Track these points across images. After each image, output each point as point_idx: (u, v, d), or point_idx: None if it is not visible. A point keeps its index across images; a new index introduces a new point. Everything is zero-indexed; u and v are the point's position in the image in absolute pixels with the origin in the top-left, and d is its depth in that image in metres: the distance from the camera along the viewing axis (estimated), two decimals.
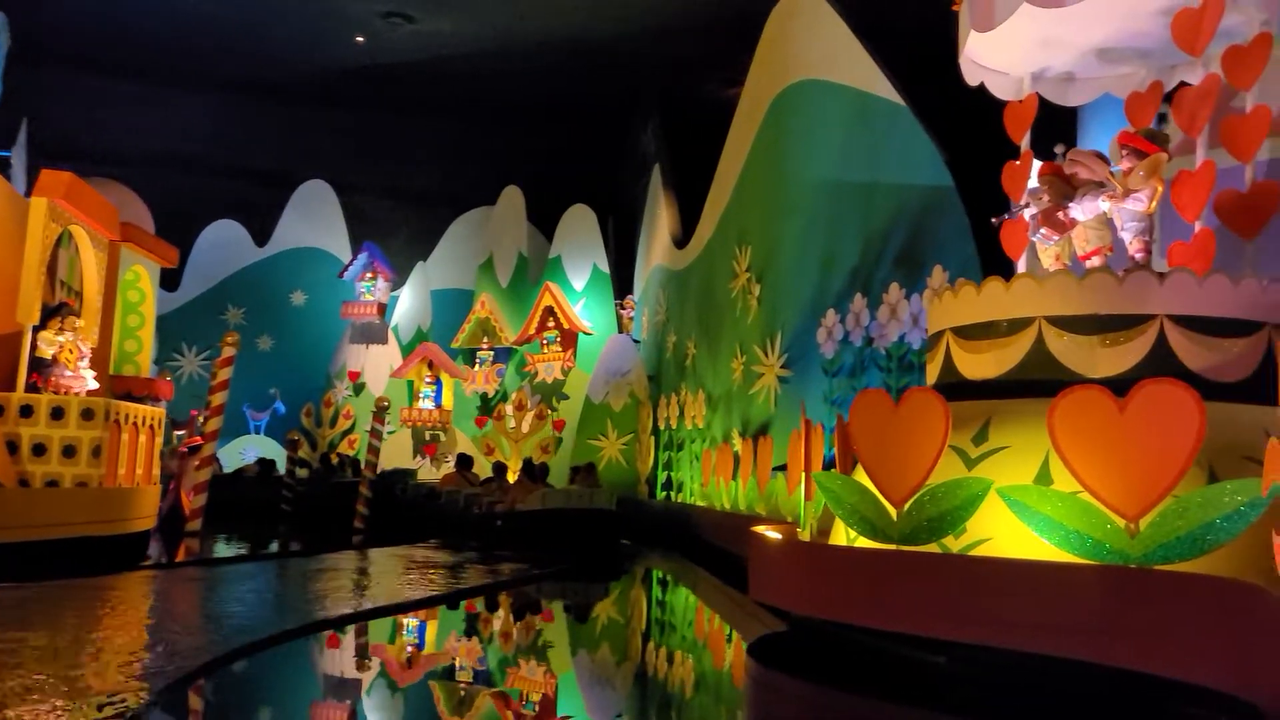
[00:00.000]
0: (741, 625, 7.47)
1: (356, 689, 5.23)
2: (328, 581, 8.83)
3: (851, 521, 5.38)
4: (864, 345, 10.86)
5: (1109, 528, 4.44)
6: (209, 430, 12.21)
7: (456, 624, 7.39)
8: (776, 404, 12.71)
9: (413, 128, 23.23)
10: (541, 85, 21.24)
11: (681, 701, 5.24)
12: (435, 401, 20.30)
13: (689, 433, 15.56)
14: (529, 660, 6.20)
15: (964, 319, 5.82)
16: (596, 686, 5.58)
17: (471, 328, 21.73)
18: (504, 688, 5.40)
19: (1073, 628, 4.31)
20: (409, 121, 23.10)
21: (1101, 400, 4.52)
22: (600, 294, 21.08)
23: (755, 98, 14.40)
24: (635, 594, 10.07)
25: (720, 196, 15.54)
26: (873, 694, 5.11)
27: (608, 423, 18.13)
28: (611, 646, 6.77)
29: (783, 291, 12.98)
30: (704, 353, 15.66)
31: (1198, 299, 5.21)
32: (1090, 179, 6.06)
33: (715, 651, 6.68)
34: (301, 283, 23.59)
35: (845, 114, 12.07)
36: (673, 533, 14.65)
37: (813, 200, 12.58)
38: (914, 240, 10.74)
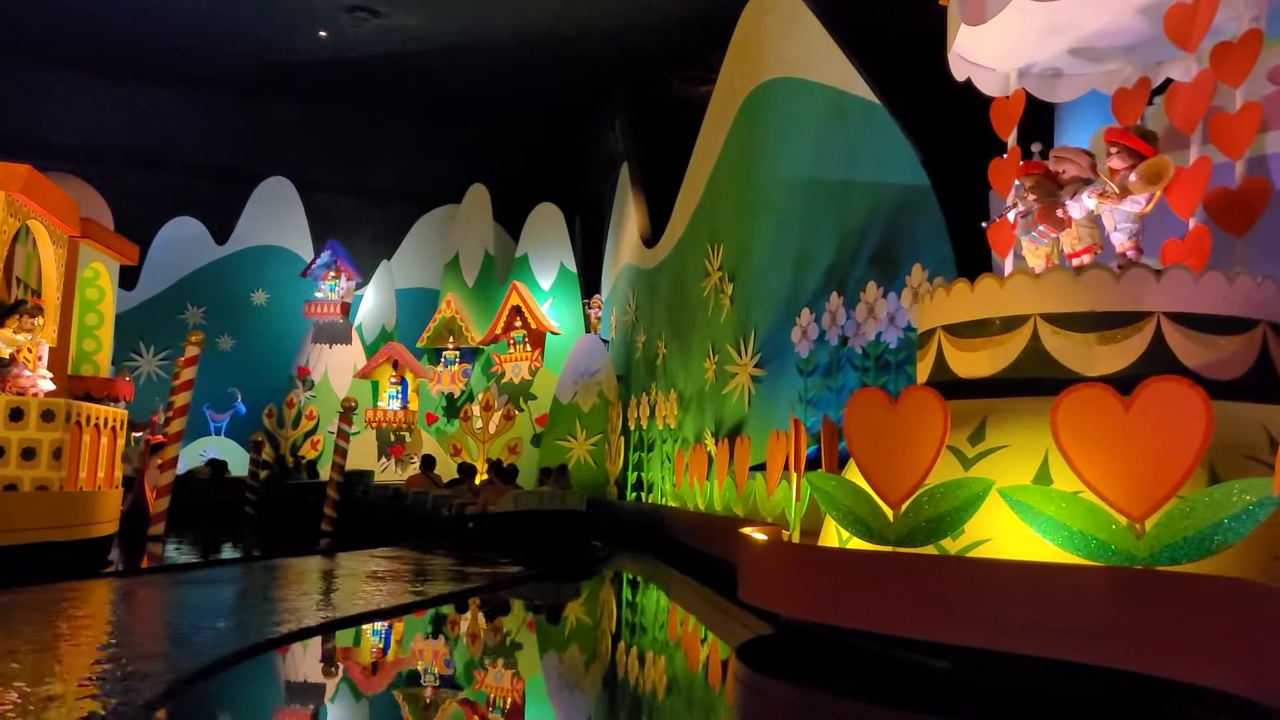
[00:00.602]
0: (725, 628, 7.37)
1: (355, 704, 5.05)
2: (306, 587, 8.61)
3: (846, 523, 5.28)
4: (840, 344, 10.80)
5: (1114, 528, 4.36)
6: (172, 431, 11.90)
7: (456, 630, 7.21)
8: (750, 404, 12.62)
9: (377, 124, 22.95)
10: (508, 82, 21.05)
11: (676, 705, 5.11)
12: (401, 402, 20.02)
13: (660, 433, 15.44)
14: (538, 669, 6.04)
15: (957, 316, 5.74)
16: (591, 692, 5.43)
17: (437, 327, 21.47)
18: (511, 698, 5.25)
19: (1081, 630, 4.23)
20: (373, 118, 22.81)
21: (1105, 398, 4.45)
22: (568, 293, 20.91)
23: (728, 95, 14.31)
24: (624, 597, 9.93)
25: (691, 195, 15.44)
26: (868, 698, 5.01)
27: (576, 423, 17.98)
28: (606, 651, 6.62)
29: (756, 290, 12.90)
30: (675, 352, 15.55)
31: (1194, 296, 5.16)
32: (1079, 176, 6.00)
33: (705, 655, 6.55)
34: (263, 281, 23.18)
35: (820, 112, 12.01)
36: (644, 534, 14.52)
37: (787, 199, 12.50)
38: (889, 239, 10.70)
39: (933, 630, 4.67)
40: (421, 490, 16.18)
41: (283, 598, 7.76)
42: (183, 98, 22.06)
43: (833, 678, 5.31)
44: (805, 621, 5.79)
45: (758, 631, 6.66)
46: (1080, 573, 4.34)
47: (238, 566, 10.09)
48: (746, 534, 6.49)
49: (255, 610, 7.02)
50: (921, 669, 4.93)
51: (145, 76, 21.39)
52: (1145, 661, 4.09)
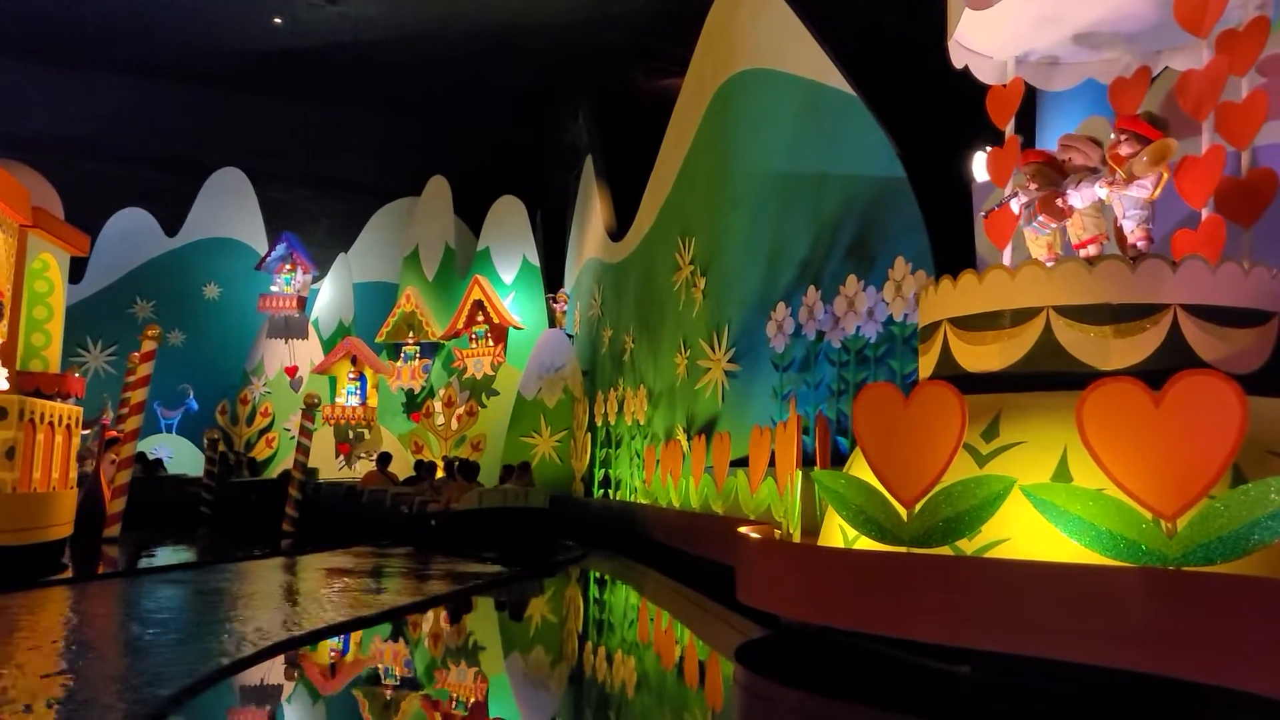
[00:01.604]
0: (718, 631, 7.17)
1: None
2: (271, 591, 8.26)
3: (856, 523, 5.09)
4: (817, 339, 10.64)
5: (1144, 527, 4.21)
6: (128, 429, 11.44)
7: (448, 634, 6.92)
8: (724, 399, 12.43)
9: (333, 115, 22.42)
10: (468, 73, 20.65)
11: (680, 711, 4.89)
12: (360, 398, 19.58)
13: (629, 429, 15.21)
14: (538, 673, 5.79)
15: (964, 309, 5.57)
16: (585, 695, 5.19)
17: (396, 322, 21.06)
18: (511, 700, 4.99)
19: (1113, 634, 4.08)
20: (329, 109, 22.28)
21: (1135, 393, 4.30)
22: (530, 287, 20.60)
23: (699, 86, 14.09)
24: (612, 599, 9.68)
25: (660, 187, 15.21)
26: (877, 703, 4.82)
27: (541, 419, 17.70)
28: (596, 653, 6.38)
29: (729, 284, 12.71)
30: (643, 347, 15.32)
31: (1210, 288, 5.04)
32: (1085, 165, 5.87)
33: (705, 660, 6.33)
34: (215, 275, 22.57)
35: (795, 104, 11.85)
36: (613, 532, 14.29)
37: (761, 191, 12.33)
38: (865, 232, 10.57)
39: (955, 634, 4.50)
40: (379, 488, 15.82)
41: (262, 605, 7.42)
42: (131, 85, 21.36)
43: (840, 682, 5.12)
44: (806, 624, 5.60)
45: (748, 634, 6.48)
46: (1114, 574, 4.18)
47: (200, 571, 9.68)
48: (746, 534, 6.28)
49: (228, 621, 6.68)
50: (931, 673, 4.76)
51: (91, 63, 20.68)
52: (1181, 666, 3.95)
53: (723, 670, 5.75)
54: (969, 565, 4.57)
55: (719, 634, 7.09)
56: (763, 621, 6.53)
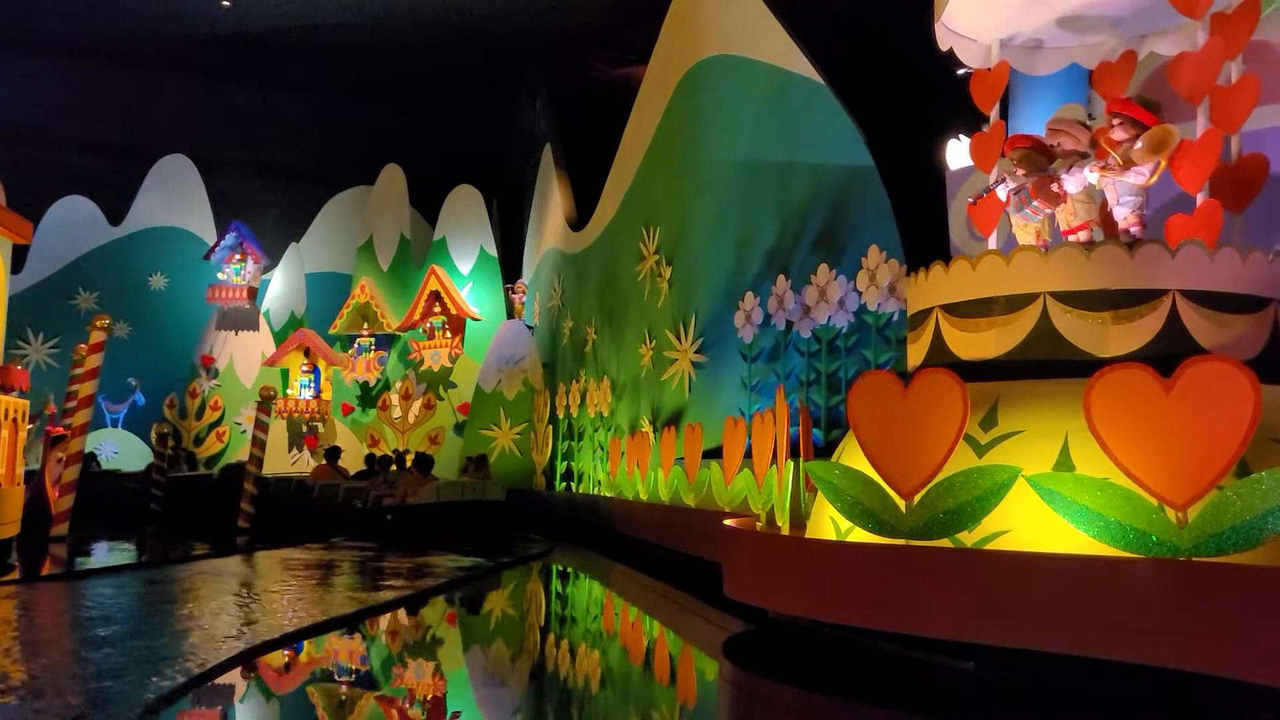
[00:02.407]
0: (698, 626, 7.02)
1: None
2: (224, 593, 7.95)
3: (852, 515, 4.94)
4: (786, 329, 10.52)
5: (1154, 518, 4.11)
6: (77, 423, 11.01)
7: (438, 633, 6.67)
8: (691, 390, 12.28)
9: (284, 101, 21.90)
10: (422, 59, 20.27)
11: (670, 707, 4.71)
12: (313, 391, 19.17)
13: (591, 421, 15.00)
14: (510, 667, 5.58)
15: (957, 296, 5.44)
16: (574, 693, 5.00)
17: (351, 313, 20.65)
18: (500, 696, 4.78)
19: (1124, 627, 3.97)
20: (279, 94, 21.76)
21: (1145, 379, 4.19)
22: (488, 278, 20.30)
23: (663, 73, 13.89)
24: (581, 594, 9.49)
25: (623, 176, 15.00)
26: (875, 699, 4.69)
27: (500, 412, 17.44)
28: (579, 651, 6.18)
29: (696, 274, 12.55)
30: (606, 338, 15.12)
31: (1209, 273, 4.95)
32: (1075, 149, 5.78)
33: (690, 655, 6.16)
34: (161, 265, 21.98)
35: (761, 91, 11.72)
36: (576, 525, 14.10)
37: (727, 179, 12.18)
38: (834, 221, 10.47)
39: (959, 629, 4.37)
40: (330, 482, 15.47)
41: (223, 606, 7.12)
42: (73, 69, 20.67)
43: (836, 679, 4.98)
44: (797, 619, 5.45)
45: (730, 629, 6.34)
46: (1124, 566, 4.07)
47: (156, 570, 9.32)
48: (735, 527, 6.12)
49: (194, 623, 6.38)
50: (931, 668, 4.63)
51: (31, 46, 19.98)
52: (1193, 659, 3.84)
53: (710, 667, 5.59)
54: (975, 557, 4.45)
55: (701, 630, 6.93)
56: (744, 615, 6.39)
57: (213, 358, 19.86)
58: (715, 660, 5.66)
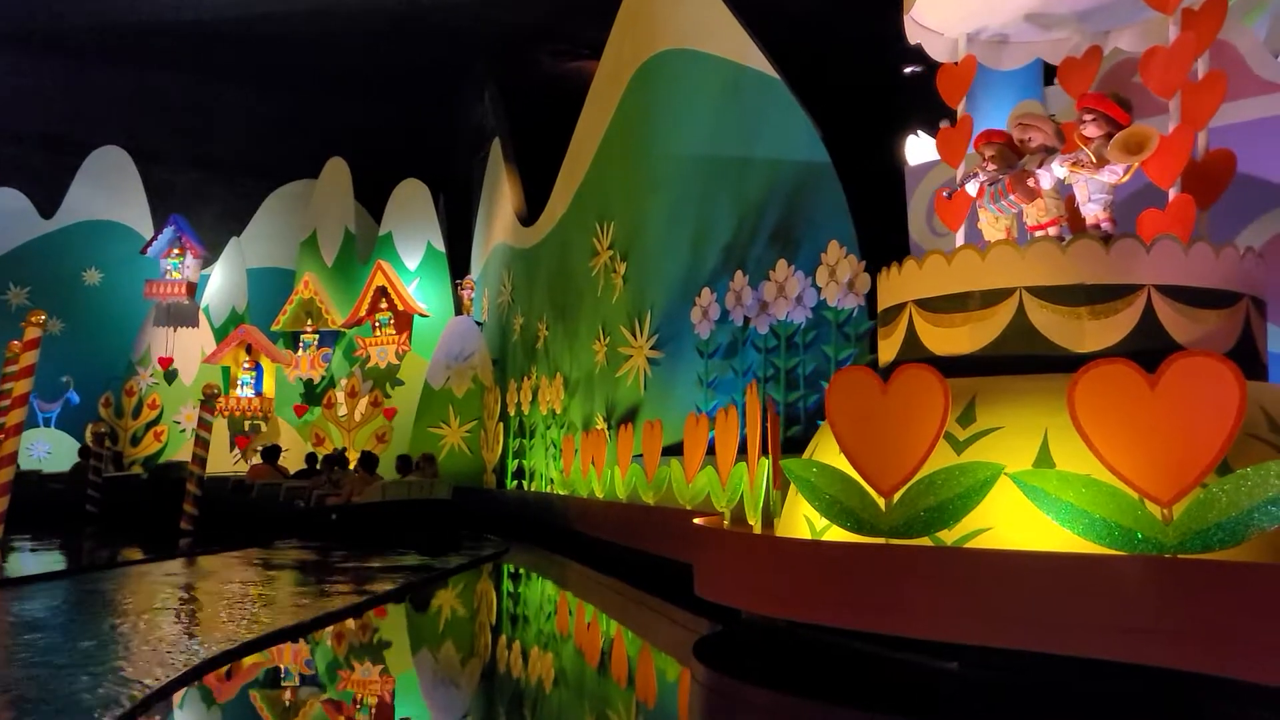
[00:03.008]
0: (664, 627, 6.90)
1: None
2: (167, 595, 7.67)
3: (831, 514, 4.85)
4: (744, 325, 10.44)
5: (1139, 514, 4.07)
6: (11, 423, 10.59)
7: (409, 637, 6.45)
8: (647, 387, 12.16)
9: (224, 92, 21.42)
10: (366, 50, 19.93)
11: (643, 710, 4.60)
12: (255, 389, 18.73)
13: (544, 418, 14.82)
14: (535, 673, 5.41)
15: (931, 290, 5.38)
16: (549, 698, 4.85)
17: (294, 309, 20.21)
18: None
19: (1110, 625, 3.92)
20: (220, 85, 21.27)
21: (1129, 375, 4.15)
22: (436, 274, 20.02)
23: (617, 66, 13.75)
24: (539, 594, 9.32)
25: (575, 170, 14.83)
26: (853, 700, 4.61)
27: (449, 409, 17.19)
28: (546, 654, 6.02)
29: (651, 269, 12.44)
30: (558, 334, 14.95)
31: (1184, 268, 4.94)
32: (1045, 144, 5.75)
33: (659, 656, 6.04)
34: (96, 259, 21.33)
35: (716, 86, 11.64)
36: (531, 524, 13.93)
37: (682, 175, 12.08)
38: (791, 217, 10.44)
39: (943, 629, 4.30)
40: (270, 482, 15.09)
41: (169, 615, 6.84)
42: (3, 56, 19.99)
43: (815, 681, 4.90)
44: (772, 620, 5.36)
45: (695, 630, 6.24)
46: (1110, 563, 4.03)
47: (81, 576, 8.95)
48: (709, 526, 6.01)
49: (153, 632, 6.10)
50: (912, 669, 4.57)
51: None
52: (1181, 657, 3.81)
53: (683, 670, 5.47)
54: (959, 556, 4.38)
55: (669, 631, 6.83)
56: (710, 615, 6.30)
57: (170, 358, 19.31)
58: (687, 662, 5.55)
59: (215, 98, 21.43)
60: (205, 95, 21.39)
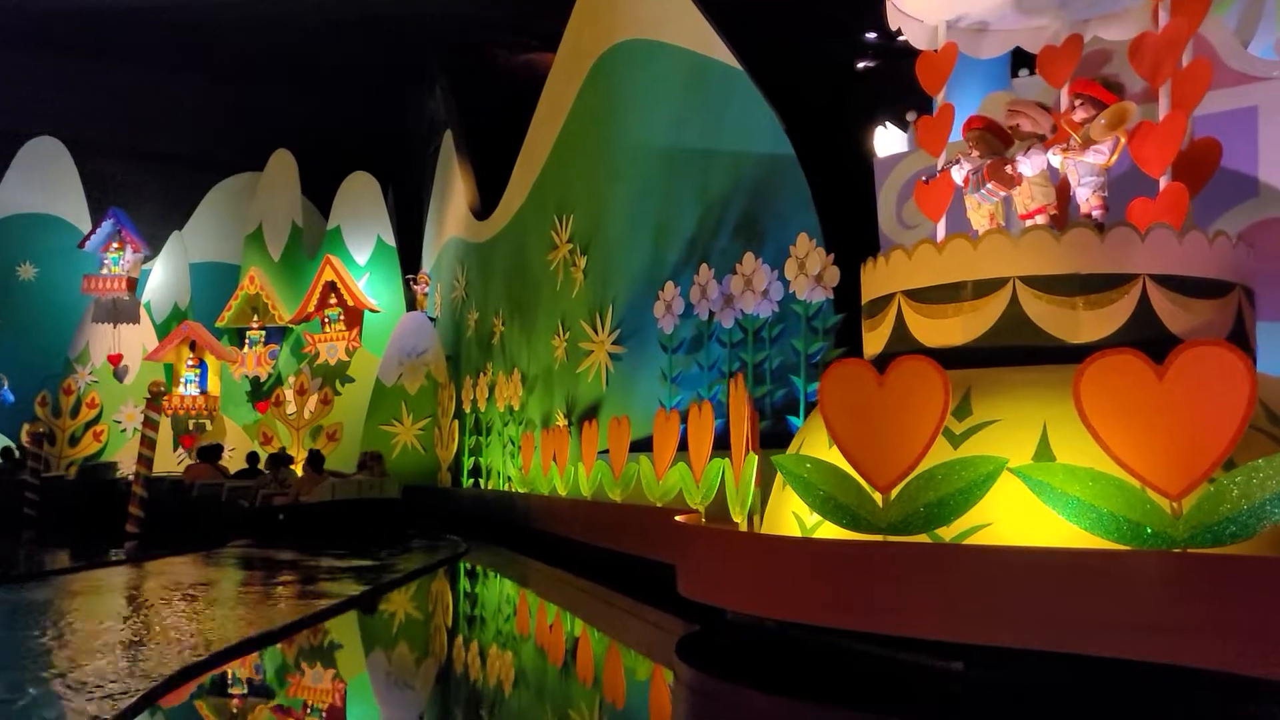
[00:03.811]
0: (637, 627, 6.72)
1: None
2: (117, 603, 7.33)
3: (825, 510, 4.70)
4: (709, 319, 10.29)
5: (1148, 508, 3.97)
6: None
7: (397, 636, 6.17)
8: (609, 382, 11.97)
9: (165, 82, 20.79)
10: (315, 40, 19.46)
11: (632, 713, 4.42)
12: (200, 387, 18.21)
13: (501, 415, 14.56)
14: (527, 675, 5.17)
15: (922, 281, 5.25)
16: (537, 701, 4.64)
17: (239, 305, 19.73)
18: None
19: (1120, 623, 3.81)
20: (161, 75, 20.64)
21: (1136, 365, 4.04)
22: (386, 269, 19.65)
23: (575, 57, 13.52)
24: (503, 594, 9.08)
25: (532, 163, 14.58)
26: (849, 702, 4.47)
27: (402, 407, 16.84)
28: (525, 655, 5.81)
29: (612, 263, 12.24)
30: (516, 329, 14.70)
31: (1178, 257, 4.86)
32: (1033, 131, 5.65)
33: (640, 657, 5.85)
34: (30, 254, 20.67)
35: (678, 77, 11.48)
36: (489, 522, 13.67)
37: (644, 167, 11.90)
38: (755, 210, 10.32)
39: (947, 628, 4.16)
40: (210, 482, 14.66)
41: (115, 624, 6.51)
42: None
43: (801, 681, 4.75)
44: (761, 619, 5.20)
45: (671, 630, 6.08)
46: (1119, 559, 3.92)
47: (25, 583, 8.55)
48: (695, 525, 5.83)
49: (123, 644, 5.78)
50: (911, 669, 4.44)
51: None
52: (1193, 653, 3.71)
53: (667, 671, 5.29)
54: (963, 553, 4.25)
55: (643, 632, 6.65)
56: (684, 615, 6.15)
57: (120, 355, 18.70)
58: (670, 664, 5.37)
59: (155, 87, 20.79)
60: (145, 84, 20.74)
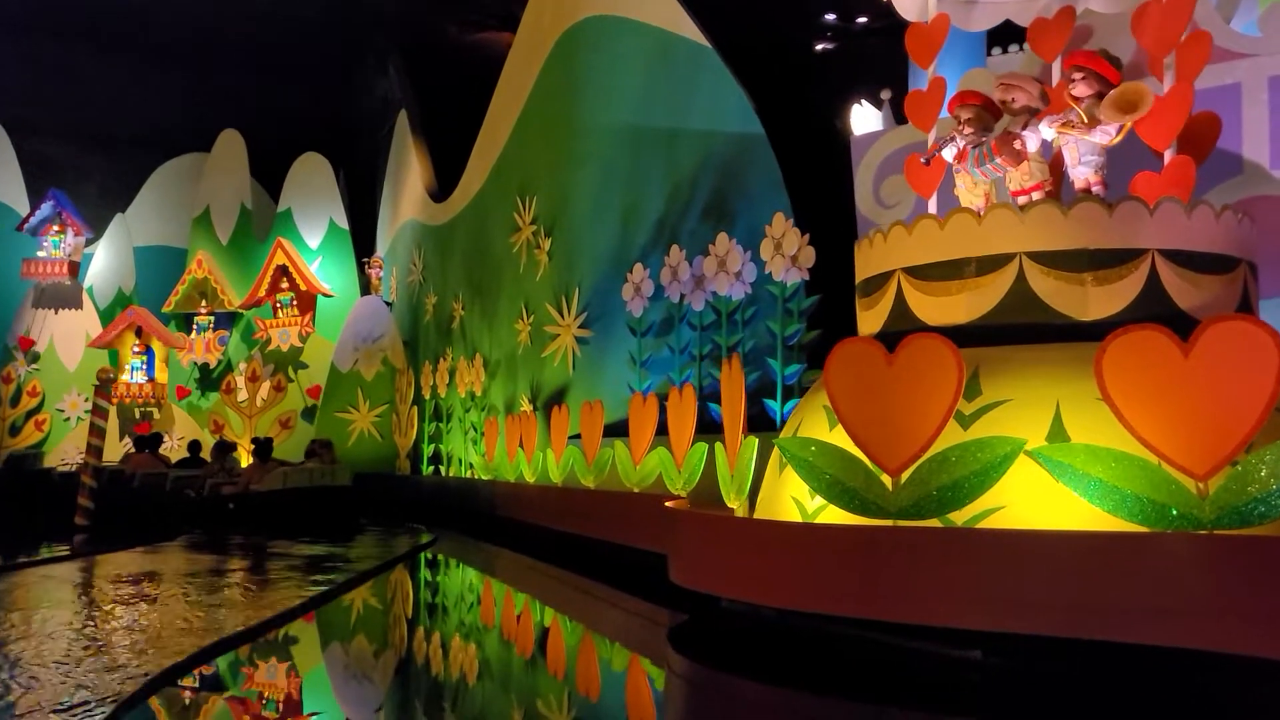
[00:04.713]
0: (617, 616, 6.54)
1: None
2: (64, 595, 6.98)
3: (832, 495, 4.53)
4: (680, 301, 10.09)
5: (1173, 489, 3.85)
6: None
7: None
8: (575, 366, 11.74)
9: (107, 59, 20.08)
10: (262, 16, 18.90)
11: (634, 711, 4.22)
12: (147, 374, 17.65)
13: (462, 401, 14.26)
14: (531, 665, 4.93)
15: (923, 257, 5.09)
16: (542, 695, 4.43)
17: (187, 289, 19.16)
18: None
19: (1146, 608, 3.69)
20: (102, 52, 19.93)
21: (1161, 341, 3.92)
22: (339, 252, 19.18)
23: (537, 34, 13.21)
24: (477, 585, 8.83)
25: (493, 143, 14.26)
26: (856, 693, 4.31)
27: (358, 393, 16.46)
28: (516, 646, 5.58)
29: (578, 245, 12.00)
30: (476, 313, 14.40)
31: (1186, 232, 4.75)
32: (1029, 105, 5.51)
33: (631, 649, 5.65)
34: None
35: (645, 54, 11.25)
36: (451, 510, 13.40)
37: (611, 147, 11.66)
38: (725, 190, 10.14)
39: (964, 616, 4.01)
40: (153, 471, 14.19)
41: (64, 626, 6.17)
42: None
43: (806, 671, 4.59)
44: (756, 607, 5.03)
45: (654, 619, 5.91)
46: (1145, 541, 3.79)
47: None
48: (687, 510, 5.64)
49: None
50: (906, 656, 4.30)
51: None
52: (1222, 638, 3.60)
53: (661, 661, 5.10)
54: (981, 538, 4.10)
55: (630, 621, 6.46)
56: (672, 604, 5.98)
57: (32, 340, 18.05)
58: (665, 654, 5.18)
59: (97, 66, 20.08)
60: (86, 63, 20.02)
